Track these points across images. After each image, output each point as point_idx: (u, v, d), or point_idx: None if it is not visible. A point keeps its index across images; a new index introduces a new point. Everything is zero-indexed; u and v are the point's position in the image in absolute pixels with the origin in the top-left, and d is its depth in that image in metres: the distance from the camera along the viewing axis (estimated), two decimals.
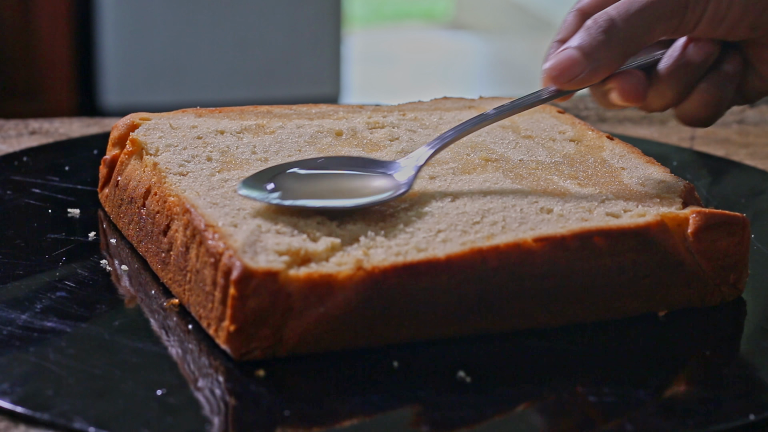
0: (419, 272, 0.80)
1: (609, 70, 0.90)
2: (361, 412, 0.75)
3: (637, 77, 0.92)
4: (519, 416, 0.75)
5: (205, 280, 0.82)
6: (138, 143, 0.98)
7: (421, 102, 1.13)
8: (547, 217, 0.87)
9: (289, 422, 0.73)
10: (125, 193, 0.97)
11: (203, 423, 0.73)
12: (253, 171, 0.92)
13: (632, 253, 0.86)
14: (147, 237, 0.92)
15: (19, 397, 0.75)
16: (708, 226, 0.88)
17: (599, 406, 0.76)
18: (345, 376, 0.79)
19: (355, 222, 0.85)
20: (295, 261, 0.80)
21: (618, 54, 0.90)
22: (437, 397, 0.76)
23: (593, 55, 0.89)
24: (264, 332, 0.78)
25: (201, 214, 0.84)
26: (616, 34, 0.89)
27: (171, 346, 0.81)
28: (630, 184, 0.94)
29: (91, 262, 0.93)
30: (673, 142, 1.33)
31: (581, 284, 0.85)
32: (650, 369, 0.81)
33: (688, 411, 0.77)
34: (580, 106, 1.44)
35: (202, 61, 3.48)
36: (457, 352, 0.81)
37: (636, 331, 0.86)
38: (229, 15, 3.47)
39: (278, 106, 1.08)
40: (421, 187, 0.91)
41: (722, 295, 0.90)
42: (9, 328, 0.82)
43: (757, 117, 1.43)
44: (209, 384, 0.77)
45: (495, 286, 0.83)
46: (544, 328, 0.85)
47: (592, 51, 0.89)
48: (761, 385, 0.80)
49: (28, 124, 1.30)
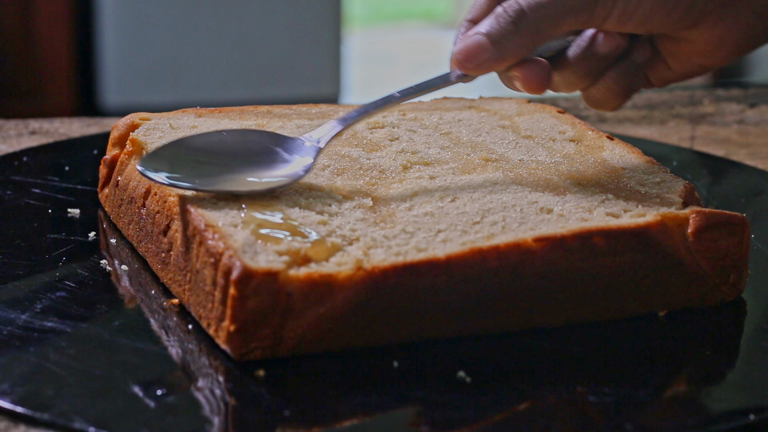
0: (419, 272, 0.80)
1: (515, 59, 0.91)
2: (361, 412, 0.75)
3: (541, 67, 0.92)
4: (519, 416, 0.75)
5: (205, 280, 0.82)
6: (138, 143, 0.98)
7: (421, 102, 1.13)
8: (547, 217, 0.87)
9: (289, 422, 0.73)
10: (125, 193, 0.97)
11: (203, 423, 0.73)
12: None
13: (632, 253, 0.86)
14: (147, 237, 0.92)
15: (19, 397, 0.75)
16: (708, 226, 0.88)
17: (599, 406, 0.76)
18: (345, 376, 0.78)
19: (355, 222, 0.85)
20: (295, 261, 0.80)
21: (525, 44, 0.91)
22: (437, 397, 0.76)
23: (500, 44, 0.90)
24: (264, 332, 0.78)
25: (201, 214, 0.84)
26: (524, 25, 0.90)
27: (171, 346, 0.81)
28: (630, 184, 0.94)
29: (91, 262, 0.93)
30: (673, 142, 1.33)
31: (581, 284, 0.85)
32: (650, 369, 0.81)
33: (688, 411, 0.77)
34: (580, 106, 1.44)
35: (202, 61, 3.48)
36: (457, 352, 0.81)
37: (636, 331, 0.86)
38: (229, 15, 3.47)
39: (278, 106, 1.08)
40: (421, 186, 0.91)
41: (722, 295, 0.90)
42: (9, 328, 0.82)
43: (757, 117, 1.43)
44: (209, 384, 0.77)
45: (495, 286, 0.83)
46: (544, 328, 0.85)
47: (500, 39, 0.90)
48: (761, 385, 0.80)
49: (28, 124, 1.30)
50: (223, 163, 0.89)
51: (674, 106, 1.46)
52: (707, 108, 1.46)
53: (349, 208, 0.88)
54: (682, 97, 1.50)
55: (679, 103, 1.47)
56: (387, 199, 0.90)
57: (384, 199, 0.90)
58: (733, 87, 1.54)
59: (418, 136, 1.03)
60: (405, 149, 0.99)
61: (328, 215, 0.86)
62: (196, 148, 0.89)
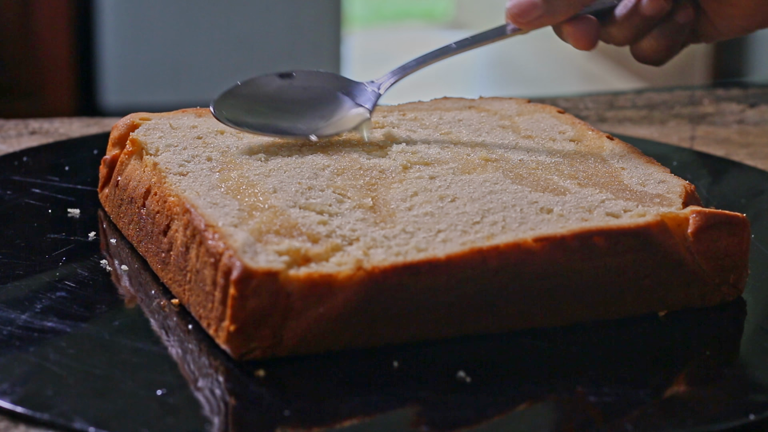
0: (419, 272, 0.80)
1: (564, 16, 0.98)
2: (361, 412, 0.75)
3: (590, 24, 0.99)
4: (519, 416, 0.75)
5: (205, 280, 0.82)
6: (138, 143, 0.98)
7: (421, 102, 1.13)
8: (547, 217, 0.87)
9: (289, 422, 0.73)
10: (125, 193, 0.97)
11: (203, 423, 0.73)
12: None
13: (632, 253, 0.86)
14: (147, 237, 0.92)
15: (19, 397, 0.75)
16: (708, 226, 0.87)
17: (599, 406, 0.76)
18: (345, 376, 0.79)
19: (355, 222, 0.85)
20: (295, 261, 0.80)
21: (574, 3, 0.97)
22: (437, 397, 0.76)
23: (551, 2, 0.97)
24: (264, 332, 0.78)
25: (201, 214, 0.84)
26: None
27: (171, 346, 0.81)
28: (630, 184, 0.94)
29: (91, 262, 0.93)
30: (673, 142, 1.33)
31: (581, 284, 0.85)
32: (650, 369, 0.81)
33: (688, 411, 0.77)
34: (580, 106, 1.44)
35: (202, 61, 3.48)
36: (457, 352, 0.81)
37: (636, 331, 0.86)
38: (229, 15, 3.47)
39: None
40: (421, 186, 0.91)
41: (722, 295, 0.90)
42: (9, 328, 0.82)
43: (758, 117, 1.43)
44: (209, 384, 0.77)
45: (495, 286, 0.83)
46: (544, 328, 0.85)
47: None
48: (761, 385, 0.80)
49: (28, 124, 1.30)
50: (288, 109, 0.96)
51: (674, 106, 1.46)
52: (707, 108, 1.46)
53: (349, 208, 0.88)
54: (682, 97, 1.49)
55: (679, 103, 1.47)
56: (387, 199, 0.90)
57: (384, 199, 0.90)
58: (733, 87, 1.54)
59: (418, 136, 1.03)
60: (405, 149, 0.99)
61: (328, 215, 0.86)
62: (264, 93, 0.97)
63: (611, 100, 1.48)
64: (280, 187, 0.90)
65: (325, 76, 1.01)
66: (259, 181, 0.91)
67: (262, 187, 0.90)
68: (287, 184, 0.90)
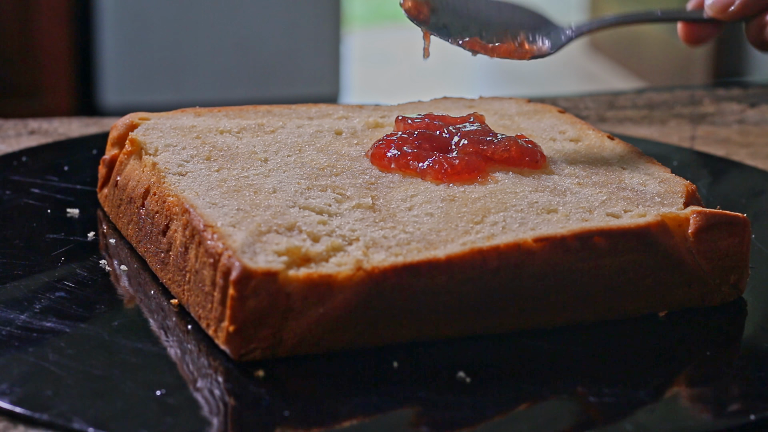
0: (419, 272, 0.80)
1: (760, 6, 1.03)
2: (361, 412, 0.75)
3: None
4: (519, 416, 0.75)
5: (204, 281, 0.82)
6: (137, 143, 0.98)
7: (421, 102, 1.13)
8: (547, 217, 0.87)
9: (289, 422, 0.73)
10: (124, 193, 0.97)
11: (203, 423, 0.73)
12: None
13: (633, 254, 0.86)
14: (146, 237, 0.92)
15: (19, 397, 0.74)
16: (708, 226, 0.87)
17: (599, 406, 0.76)
18: (345, 376, 0.78)
19: (355, 222, 0.85)
20: (294, 261, 0.80)
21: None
22: (437, 397, 0.76)
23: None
24: (263, 333, 0.78)
25: (200, 214, 0.84)
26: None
27: (170, 346, 0.81)
28: (630, 184, 0.94)
29: (91, 262, 0.93)
30: (674, 142, 1.33)
31: (581, 284, 0.85)
32: (650, 369, 0.81)
33: (688, 411, 0.77)
34: (580, 106, 1.44)
35: (202, 61, 3.48)
36: (457, 352, 0.81)
37: (636, 331, 0.86)
38: (228, 15, 3.47)
39: (278, 105, 1.08)
40: (421, 186, 0.91)
41: (723, 295, 0.90)
42: (8, 328, 0.82)
43: (758, 117, 1.43)
44: (208, 384, 0.77)
45: (495, 286, 0.82)
46: (544, 328, 0.85)
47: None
48: (761, 385, 0.80)
49: (28, 124, 1.30)
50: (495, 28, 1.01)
51: (674, 106, 1.46)
52: (708, 108, 1.46)
53: (349, 208, 0.88)
54: (683, 97, 1.49)
55: (679, 103, 1.47)
56: (387, 199, 0.89)
57: (384, 199, 0.90)
58: (733, 87, 1.54)
59: None
60: None
61: (328, 215, 0.86)
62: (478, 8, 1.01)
63: (611, 100, 1.48)
64: (280, 187, 0.90)
65: (528, 12, 1.05)
66: (259, 181, 0.91)
67: (262, 187, 0.89)
68: (287, 184, 0.90)
